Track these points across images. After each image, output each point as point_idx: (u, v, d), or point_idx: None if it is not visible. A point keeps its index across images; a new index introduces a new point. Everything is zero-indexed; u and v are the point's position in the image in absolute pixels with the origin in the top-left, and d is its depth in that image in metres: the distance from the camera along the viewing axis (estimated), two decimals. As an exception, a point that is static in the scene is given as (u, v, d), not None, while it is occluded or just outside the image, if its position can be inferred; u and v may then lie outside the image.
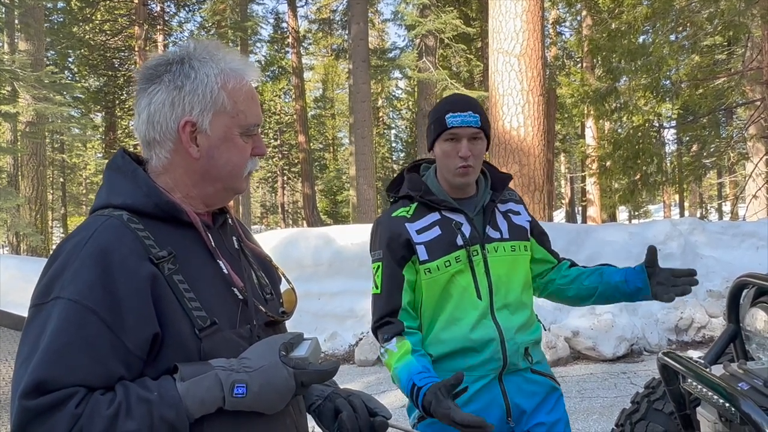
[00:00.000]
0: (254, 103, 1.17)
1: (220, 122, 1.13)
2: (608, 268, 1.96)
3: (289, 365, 1.05)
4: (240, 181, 1.19)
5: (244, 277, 1.20)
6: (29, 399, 0.91)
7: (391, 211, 1.94)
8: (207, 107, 1.12)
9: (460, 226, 1.86)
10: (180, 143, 1.13)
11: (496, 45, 8.67)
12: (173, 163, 1.15)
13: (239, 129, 1.15)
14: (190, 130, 1.12)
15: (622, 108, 12.45)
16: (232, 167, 1.16)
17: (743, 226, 8.17)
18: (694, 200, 29.94)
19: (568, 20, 22.60)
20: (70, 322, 0.96)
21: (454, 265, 1.82)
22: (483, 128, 1.86)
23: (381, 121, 33.80)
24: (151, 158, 1.17)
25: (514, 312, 1.86)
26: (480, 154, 1.87)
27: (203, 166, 1.15)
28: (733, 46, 14.01)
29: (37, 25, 13.22)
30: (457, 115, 1.82)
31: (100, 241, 1.02)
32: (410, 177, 1.98)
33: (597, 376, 5.59)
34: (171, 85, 1.12)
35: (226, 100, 1.13)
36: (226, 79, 1.13)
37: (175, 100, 1.12)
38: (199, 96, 1.12)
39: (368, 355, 6.35)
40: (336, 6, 24.85)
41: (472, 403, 1.79)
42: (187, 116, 1.12)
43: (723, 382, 1.66)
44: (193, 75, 1.12)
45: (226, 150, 1.15)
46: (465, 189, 1.93)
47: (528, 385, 1.86)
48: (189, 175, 1.16)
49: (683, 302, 6.63)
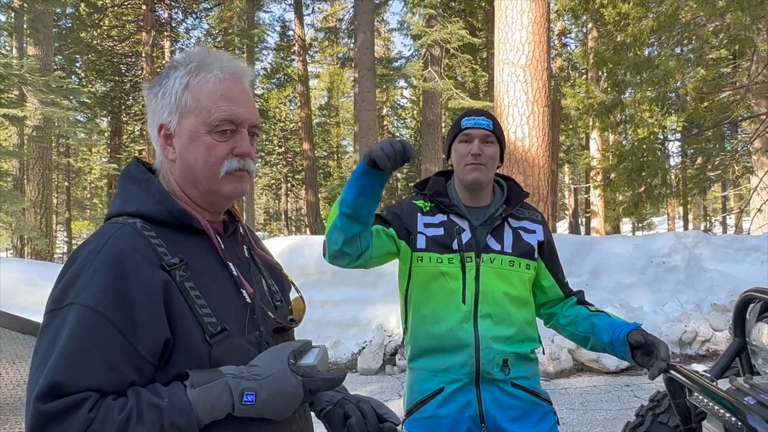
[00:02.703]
0: (224, 101, 1.14)
1: (186, 122, 1.15)
2: (601, 320, 1.91)
3: (297, 373, 1.06)
4: (216, 182, 1.15)
5: (254, 284, 1.21)
6: (44, 402, 0.93)
7: (413, 197, 2.08)
8: (173, 109, 1.15)
9: (461, 232, 1.92)
10: (161, 147, 1.18)
11: (502, 55, 8.70)
12: (165, 169, 1.20)
13: (205, 127, 1.13)
14: (165, 134, 1.16)
15: (628, 120, 12.46)
16: (201, 166, 1.14)
17: (748, 239, 8.15)
18: (698, 213, 29.90)
19: (573, 32, 22.68)
20: (84, 328, 0.97)
21: (445, 264, 1.91)
22: (495, 133, 1.98)
23: (386, 129, 33.87)
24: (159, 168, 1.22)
25: (498, 323, 1.89)
26: (492, 157, 1.97)
27: (180, 167, 1.17)
28: (739, 60, 14.04)
29: (45, 30, 13.33)
30: (471, 118, 1.99)
31: (115, 248, 1.04)
32: (435, 179, 2.10)
33: (600, 389, 5.57)
34: (151, 95, 1.18)
35: (189, 100, 1.14)
36: (189, 79, 1.15)
37: (155, 108, 1.17)
38: (166, 99, 1.15)
39: (371, 363, 6.34)
40: (342, 15, 25.04)
41: (447, 404, 1.88)
42: (159, 120, 1.16)
43: (730, 396, 1.66)
44: (164, 81, 1.16)
45: (193, 149, 1.15)
46: (478, 194, 2.00)
47: (505, 397, 1.88)
48: (176, 177, 1.19)
49: (687, 315, 6.61)
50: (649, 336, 1.77)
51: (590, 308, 2.00)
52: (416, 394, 1.95)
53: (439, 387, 1.89)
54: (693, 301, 6.92)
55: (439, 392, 1.89)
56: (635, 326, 1.81)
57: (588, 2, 13.60)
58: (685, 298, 6.98)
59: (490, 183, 2.03)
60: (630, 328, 1.80)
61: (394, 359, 6.42)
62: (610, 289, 7.09)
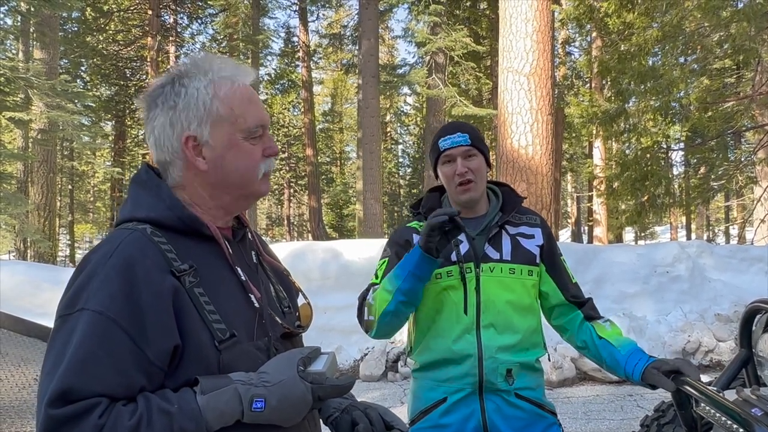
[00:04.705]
0: (253, 105, 1.17)
1: (220, 131, 1.15)
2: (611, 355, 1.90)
3: (306, 380, 1.06)
4: (256, 184, 1.20)
5: (262, 290, 1.21)
6: (55, 407, 0.93)
7: (408, 221, 2.08)
8: (203, 119, 1.14)
9: (459, 244, 1.91)
10: (187, 159, 1.15)
11: (506, 64, 8.71)
12: (187, 180, 1.17)
13: (242, 134, 1.15)
14: (192, 145, 1.14)
15: (631, 129, 12.46)
16: (242, 172, 1.17)
17: (752, 250, 8.13)
18: (701, 222, 29.85)
19: (577, 41, 22.73)
20: (94, 333, 0.98)
21: (445, 279, 1.90)
22: (474, 145, 1.94)
23: (389, 136, 33.95)
24: (167, 178, 1.19)
25: (501, 332, 1.87)
26: (478, 169, 1.94)
27: (214, 176, 1.16)
28: (743, 70, 14.05)
29: (52, 33, 13.38)
30: (447, 138, 1.95)
31: (125, 253, 1.04)
32: (428, 196, 2.09)
33: (603, 398, 5.54)
34: (165, 106, 1.14)
35: (221, 108, 1.14)
36: (216, 87, 1.15)
37: (172, 119, 1.14)
38: (193, 110, 1.13)
39: (373, 370, 6.33)
40: (347, 21, 25.11)
41: (450, 414, 1.87)
42: (187, 132, 1.14)
43: (737, 408, 1.65)
44: (183, 92, 1.14)
45: (232, 157, 1.16)
46: (473, 206, 1.99)
47: (509, 408, 1.87)
48: (203, 188, 1.17)
49: (691, 325, 6.59)
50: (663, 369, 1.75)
51: (597, 329, 1.94)
52: (419, 403, 1.95)
53: (442, 397, 1.89)
54: (696, 311, 6.90)
55: (442, 402, 1.88)
56: (644, 365, 1.80)
57: (592, 11, 13.62)
58: (688, 307, 6.96)
59: (483, 194, 2.01)
60: (641, 369, 1.79)
61: (397, 366, 6.40)
62: (614, 298, 7.07)
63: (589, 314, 2.00)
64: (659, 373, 1.75)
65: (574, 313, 2.00)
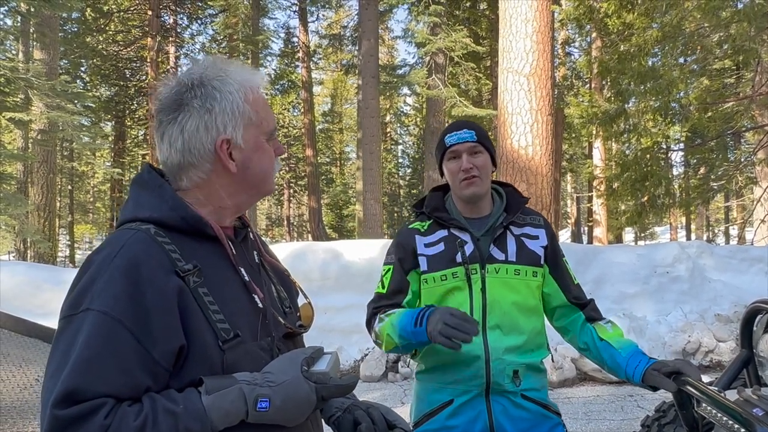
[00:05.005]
0: (269, 109, 1.24)
1: (250, 133, 1.19)
2: (612, 357, 1.90)
3: (310, 380, 1.07)
4: (271, 183, 1.26)
5: (264, 290, 1.22)
6: (60, 408, 0.93)
7: (410, 222, 2.07)
8: (237, 123, 1.17)
9: (464, 245, 1.90)
10: (219, 162, 1.17)
11: (506, 64, 8.72)
12: (209, 181, 1.18)
13: (265, 136, 1.22)
14: (225, 147, 1.17)
15: (631, 130, 12.46)
16: (265, 172, 1.23)
17: (752, 250, 8.13)
18: (701, 223, 29.87)
19: (577, 41, 22.75)
20: (99, 334, 0.98)
21: (450, 280, 1.89)
22: (481, 142, 1.95)
23: (389, 136, 33.97)
24: (179, 180, 1.18)
25: (507, 333, 1.87)
26: (484, 166, 1.94)
27: (241, 177, 1.19)
28: (743, 71, 14.06)
29: (52, 34, 13.38)
30: (453, 134, 1.97)
31: (129, 254, 1.04)
32: (431, 195, 2.08)
33: (604, 398, 5.55)
34: (201, 109, 1.15)
35: (251, 112, 1.18)
36: (246, 92, 1.18)
37: (207, 123, 1.15)
38: (228, 114, 1.16)
39: (374, 370, 6.33)
40: (347, 22, 25.14)
41: (457, 416, 1.86)
42: (223, 135, 1.16)
43: (739, 408, 1.65)
44: (218, 96, 1.16)
45: (258, 158, 1.21)
46: (477, 204, 1.98)
47: (515, 409, 1.87)
48: (225, 188, 1.19)
49: (691, 326, 6.59)
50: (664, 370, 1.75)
51: (599, 331, 1.94)
52: (424, 405, 1.94)
53: (448, 399, 1.88)
54: (696, 311, 6.91)
55: (449, 404, 1.87)
56: (644, 367, 1.79)
57: (592, 12, 13.62)
58: (688, 308, 6.97)
59: (488, 192, 2.00)
60: (642, 371, 1.79)
61: (397, 366, 6.41)
62: (614, 298, 7.07)
63: (591, 316, 2.00)
64: (660, 374, 1.75)
65: (576, 315, 2.00)
